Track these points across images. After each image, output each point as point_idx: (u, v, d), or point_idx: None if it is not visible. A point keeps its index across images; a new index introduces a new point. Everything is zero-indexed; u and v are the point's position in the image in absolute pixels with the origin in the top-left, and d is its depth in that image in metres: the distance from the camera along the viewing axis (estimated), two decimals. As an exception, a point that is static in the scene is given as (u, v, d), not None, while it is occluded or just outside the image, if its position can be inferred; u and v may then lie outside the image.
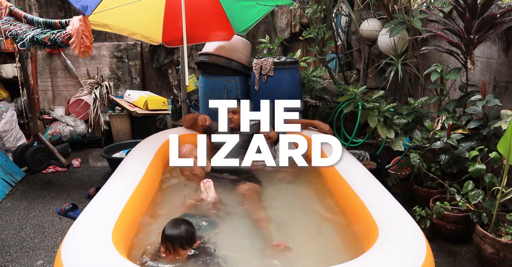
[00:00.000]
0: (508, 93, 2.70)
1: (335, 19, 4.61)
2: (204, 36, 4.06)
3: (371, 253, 1.74)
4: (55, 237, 2.78)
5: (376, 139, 3.92)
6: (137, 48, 5.22)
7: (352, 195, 2.38)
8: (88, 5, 2.93)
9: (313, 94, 4.18)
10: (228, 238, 2.23)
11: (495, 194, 2.33)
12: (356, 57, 4.85)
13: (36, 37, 3.05)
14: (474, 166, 2.40)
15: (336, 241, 2.23)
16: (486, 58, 2.89)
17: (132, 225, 2.18)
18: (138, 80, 5.29)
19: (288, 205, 2.66)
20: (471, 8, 2.55)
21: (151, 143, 3.27)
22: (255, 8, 3.90)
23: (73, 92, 5.03)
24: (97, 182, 3.72)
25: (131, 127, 4.70)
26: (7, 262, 2.48)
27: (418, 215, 2.55)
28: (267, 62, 3.80)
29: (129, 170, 2.69)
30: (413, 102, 2.95)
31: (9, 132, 3.98)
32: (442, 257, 2.51)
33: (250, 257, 2.09)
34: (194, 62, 4.85)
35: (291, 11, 5.03)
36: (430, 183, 2.95)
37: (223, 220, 2.38)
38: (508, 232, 2.30)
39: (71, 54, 4.95)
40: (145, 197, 2.52)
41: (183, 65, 3.87)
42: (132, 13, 3.41)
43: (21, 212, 3.13)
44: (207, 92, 4.18)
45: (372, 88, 4.09)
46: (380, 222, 1.99)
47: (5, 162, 3.67)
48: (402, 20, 3.35)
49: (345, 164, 2.80)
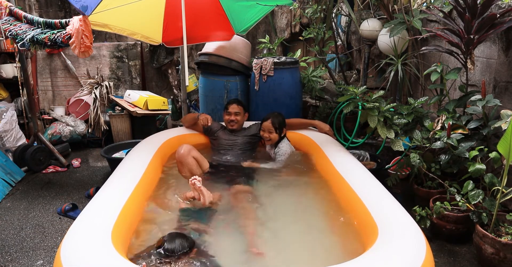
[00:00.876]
0: (508, 93, 2.70)
1: (335, 19, 4.61)
2: (204, 36, 4.06)
3: (370, 253, 1.74)
4: (55, 237, 2.78)
5: (376, 139, 3.92)
6: (137, 48, 5.22)
7: (352, 195, 2.38)
8: (88, 5, 2.93)
9: (313, 94, 4.18)
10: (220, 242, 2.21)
11: (495, 194, 2.33)
12: (356, 57, 4.85)
13: (36, 37, 3.05)
14: (474, 166, 2.40)
15: (336, 241, 2.23)
16: (486, 58, 2.89)
17: (132, 225, 2.18)
18: (138, 80, 5.30)
19: (287, 205, 2.66)
20: (471, 8, 2.55)
21: (151, 143, 3.28)
22: (255, 8, 3.90)
23: (73, 92, 5.03)
24: (97, 182, 3.72)
25: (131, 127, 4.70)
26: (7, 262, 2.48)
27: (418, 215, 2.55)
28: (267, 62, 3.81)
29: (129, 170, 2.69)
30: (413, 102, 2.95)
31: (9, 132, 3.98)
32: (442, 257, 2.51)
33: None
34: (194, 62, 4.85)
35: (291, 11, 5.03)
36: (430, 183, 2.95)
37: (215, 223, 2.37)
38: (508, 232, 2.30)
39: (71, 54, 4.95)
40: (144, 197, 2.52)
41: (183, 65, 3.87)
42: (132, 13, 3.42)
43: (21, 212, 3.13)
44: (207, 92, 4.18)
45: (372, 88, 4.09)
46: (380, 222, 2.00)
47: (5, 162, 3.67)
48: (402, 20, 3.35)
49: (345, 164, 2.81)
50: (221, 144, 3.38)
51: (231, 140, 3.38)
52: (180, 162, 2.91)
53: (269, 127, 3.16)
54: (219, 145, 3.39)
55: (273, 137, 3.18)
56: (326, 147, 3.16)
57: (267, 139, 3.20)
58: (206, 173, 3.00)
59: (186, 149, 2.92)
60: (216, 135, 3.44)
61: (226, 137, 3.40)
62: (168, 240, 1.93)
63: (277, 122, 3.16)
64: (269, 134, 3.17)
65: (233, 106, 3.39)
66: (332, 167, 2.82)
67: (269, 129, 3.16)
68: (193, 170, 2.88)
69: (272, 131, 3.16)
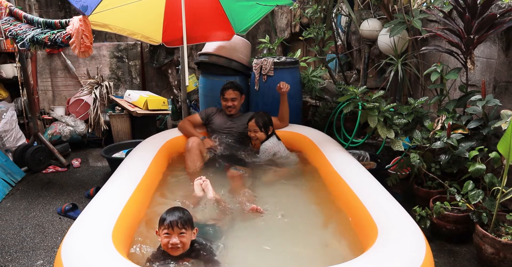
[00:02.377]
0: (508, 93, 2.70)
1: (335, 19, 4.61)
2: (204, 36, 4.06)
3: (370, 253, 1.75)
4: (55, 237, 2.78)
5: (376, 139, 3.92)
6: (137, 48, 5.22)
7: (351, 195, 2.38)
8: (88, 5, 2.93)
9: (313, 94, 4.18)
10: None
11: (495, 194, 2.33)
12: (356, 57, 4.85)
13: (36, 37, 3.05)
14: (474, 166, 2.40)
15: (336, 241, 2.23)
16: (486, 58, 2.89)
17: (132, 225, 2.18)
18: (138, 80, 5.30)
19: (286, 205, 2.66)
20: (471, 8, 2.55)
21: (152, 143, 3.28)
22: (255, 8, 3.90)
23: (73, 92, 5.03)
24: (97, 182, 3.72)
25: (131, 127, 4.69)
26: (7, 262, 2.48)
27: (418, 215, 2.55)
28: (267, 62, 3.80)
29: (130, 170, 2.69)
30: (413, 102, 2.95)
31: (9, 132, 3.97)
32: (442, 257, 2.51)
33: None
34: (194, 62, 4.85)
35: (291, 11, 5.03)
36: (430, 183, 2.95)
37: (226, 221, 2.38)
38: (508, 232, 2.30)
39: (71, 54, 4.95)
40: (145, 197, 2.52)
41: (183, 65, 3.87)
42: (132, 13, 3.42)
43: (21, 212, 3.13)
44: (207, 92, 4.18)
45: (372, 88, 4.09)
46: (380, 222, 2.00)
47: (5, 162, 3.67)
48: (402, 20, 3.35)
49: (344, 164, 2.81)
50: (217, 129, 3.48)
51: (228, 126, 3.47)
52: (188, 151, 3.20)
53: (253, 126, 3.23)
54: (215, 130, 3.49)
55: (260, 136, 3.23)
56: (324, 147, 3.16)
57: (254, 138, 3.26)
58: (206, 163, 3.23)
59: (195, 143, 3.21)
60: (213, 120, 3.54)
61: (223, 121, 3.51)
62: (167, 212, 1.95)
63: (261, 121, 3.22)
64: (254, 133, 3.23)
65: (229, 92, 3.44)
66: (331, 166, 2.82)
67: (254, 129, 3.22)
68: (195, 160, 3.16)
69: (258, 131, 3.22)
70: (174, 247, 1.86)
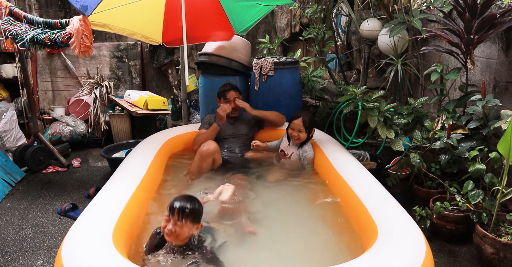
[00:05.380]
0: (508, 93, 2.70)
1: (335, 19, 4.61)
2: (204, 36, 4.06)
3: (370, 253, 1.74)
4: (55, 237, 2.78)
5: (376, 139, 3.92)
6: (137, 48, 5.22)
7: (351, 195, 2.38)
8: (88, 5, 2.93)
9: (313, 94, 4.18)
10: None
11: (495, 194, 2.33)
12: (356, 57, 4.85)
13: (36, 37, 3.05)
14: (474, 166, 2.40)
15: (335, 241, 2.23)
16: (486, 58, 2.89)
17: (133, 225, 2.17)
18: (138, 80, 5.30)
19: (286, 205, 2.66)
20: (471, 8, 2.55)
21: (152, 143, 3.27)
22: (255, 8, 3.90)
23: (73, 92, 5.03)
24: (97, 182, 3.72)
25: (131, 127, 4.70)
26: (7, 262, 2.48)
27: (418, 215, 2.56)
28: (267, 62, 3.81)
29: (130, 170, 2.69)
30: (413, 102, 2.95)
31: (9, 132, 3.98)
32: (442, 257, 2.51)
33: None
34: (194, 62, 4.85)
35: (291, 11, 5.03)
36: (430, 183, 2.95)
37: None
38: (508, 232, 2.30)
39: (71, 54, 4.95)
40: (146, 197, 2.52)
41: (183, 65, 3.87)
42: (132, 13, 3.42)
43: (21, 212, 3.13)
44: (207, 92, 4.18)
45: (372, 88, 4.09)
46: (380, 222, 1.99)
47: (5, 162, 3.67)
48: (402, 20, 3.36)
49: (344, 164, 2.81)
50: (221, 138, 3.32)
51: (232, 133, 3.36)
52: (200, 155, 3.00)
53: (299, 126, 3.01)
54: (219, 139, 3.30)
55: (302, 136, 3.04)
56: (325, 147, 3.15)
57: (296, 137, 3.05)
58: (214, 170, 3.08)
59: (211, 149, 3.01)
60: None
61: (225, 127, 3.34)
62: (179, 198, 1.93)
63: (308, 121, 3.02)
64: (298, 133, 3.03)
65: (231, 93, 3.33)
66: (331, 166, 2.82)
67: (300, 129, 3.02)
68: (202, 167, 3.00)
69: (302, 131, 3.02)
70: (168, 233, 1.86)
